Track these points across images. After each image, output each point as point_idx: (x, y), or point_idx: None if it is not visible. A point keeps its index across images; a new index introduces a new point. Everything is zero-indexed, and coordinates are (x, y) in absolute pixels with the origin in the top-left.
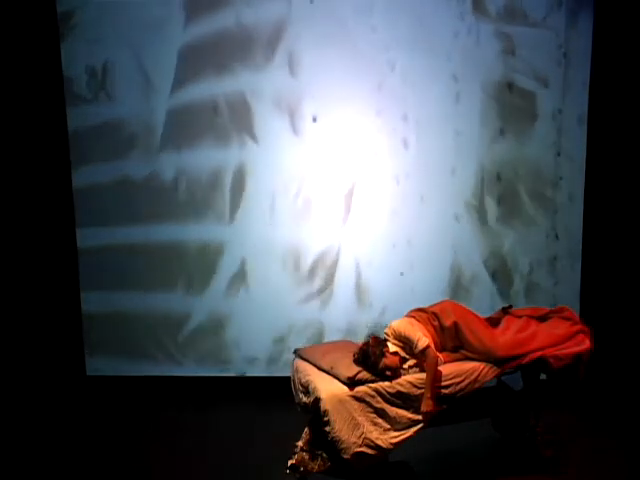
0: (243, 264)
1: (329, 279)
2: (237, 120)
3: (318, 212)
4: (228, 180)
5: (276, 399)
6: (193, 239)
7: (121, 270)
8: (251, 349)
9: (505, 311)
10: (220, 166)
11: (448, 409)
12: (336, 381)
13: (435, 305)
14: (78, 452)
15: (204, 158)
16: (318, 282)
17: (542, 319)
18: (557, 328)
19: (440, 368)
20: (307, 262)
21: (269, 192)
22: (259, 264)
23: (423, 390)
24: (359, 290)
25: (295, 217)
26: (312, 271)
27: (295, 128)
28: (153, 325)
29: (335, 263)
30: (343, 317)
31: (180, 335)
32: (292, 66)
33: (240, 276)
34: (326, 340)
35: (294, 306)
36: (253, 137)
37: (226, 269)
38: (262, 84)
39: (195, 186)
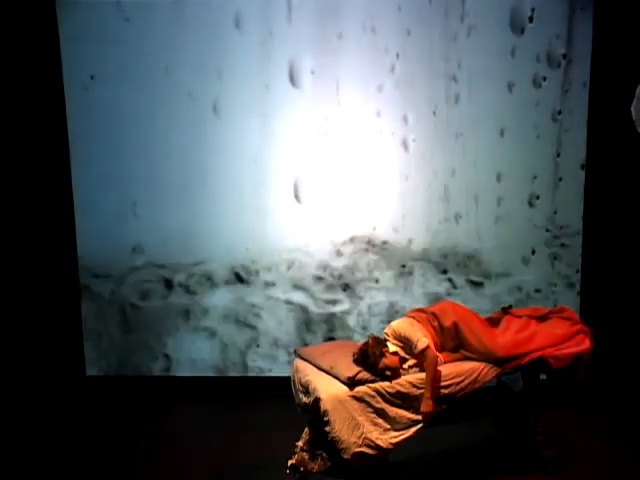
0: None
1: None
2: (241, 122)
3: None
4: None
5: (276, 399)
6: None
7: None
8: None
9: (505, 311)
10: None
11: (448, 409)
12: (336, 381)
13: (435, 305)
14: (78, 452)
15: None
16: None
17: (542, 319)
18: (557, 328)
19: (440, 368)
20: None
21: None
22: None
23: (423, 390)
24: None
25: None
26: None
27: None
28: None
29: None
30: None
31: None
32: (292, 69)
33: None
34: None
35: None
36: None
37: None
38: (263, 84)
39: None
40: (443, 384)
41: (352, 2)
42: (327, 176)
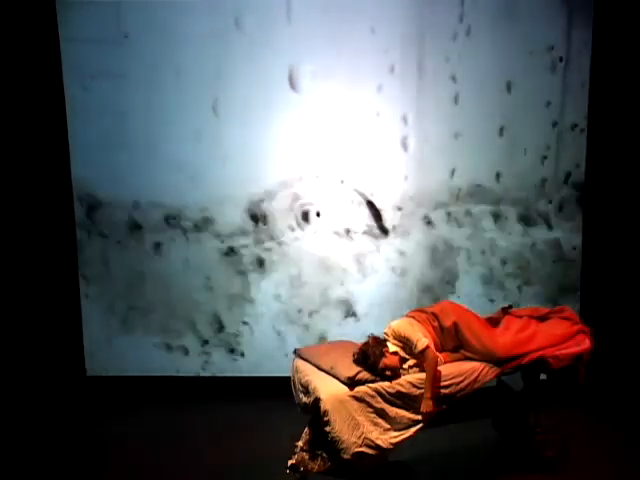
0: None
1: None
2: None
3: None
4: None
5: (276, 399)
6: None
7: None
8: None
9: (505, 311)
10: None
11: (448, 409)
12: (336, 381)
13: (435, 305)
14: (77, 451)
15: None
16: None
17: (542, 319)
18: (557, 328)
19: (440, 368)
20: None
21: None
22: None
23: (423, 390)
24: None
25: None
26: None
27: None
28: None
29: None
30: None
31: None
32: (292, 70)
33: None
34: None
35: None
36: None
37: None
38: (261, 83)
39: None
40: (443, 384)
41: (352, 3)
42: (327, 176)
